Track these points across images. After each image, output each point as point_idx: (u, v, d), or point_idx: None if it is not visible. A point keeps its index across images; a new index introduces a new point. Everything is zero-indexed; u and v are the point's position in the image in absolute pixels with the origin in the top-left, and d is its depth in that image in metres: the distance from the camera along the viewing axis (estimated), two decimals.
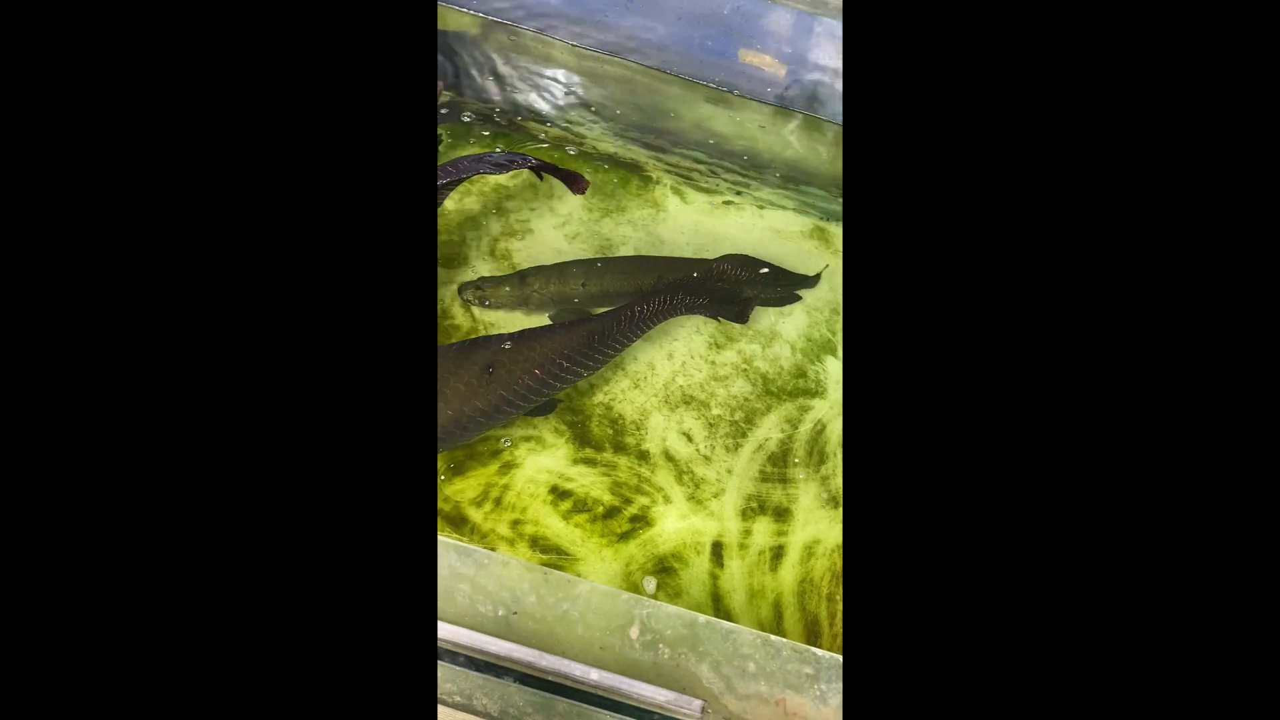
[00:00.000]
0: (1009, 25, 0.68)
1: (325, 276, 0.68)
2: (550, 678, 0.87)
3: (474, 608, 0.92)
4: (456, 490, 1.83)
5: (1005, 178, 0.67)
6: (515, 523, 1.80)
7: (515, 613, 0.92)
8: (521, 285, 2.03)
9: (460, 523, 1.79)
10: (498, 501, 1.82)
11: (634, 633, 0.90)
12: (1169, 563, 0.61)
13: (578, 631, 0.91)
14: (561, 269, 2.08)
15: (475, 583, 0.94)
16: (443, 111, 2.39)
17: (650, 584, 1.74)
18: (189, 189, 0.66)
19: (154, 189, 0.66)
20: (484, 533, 1.78)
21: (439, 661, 0.85)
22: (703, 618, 0.92)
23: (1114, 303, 0.64)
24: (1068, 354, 0.65)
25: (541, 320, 2.06)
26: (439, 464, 1.86)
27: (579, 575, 1.76)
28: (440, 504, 1.81)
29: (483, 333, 2.05)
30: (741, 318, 1.98)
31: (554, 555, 1.77)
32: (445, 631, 0.89)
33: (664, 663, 0.88)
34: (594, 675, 0.85)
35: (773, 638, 0.89)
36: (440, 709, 1.15)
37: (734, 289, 2.03)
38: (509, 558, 0.96)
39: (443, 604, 0.92)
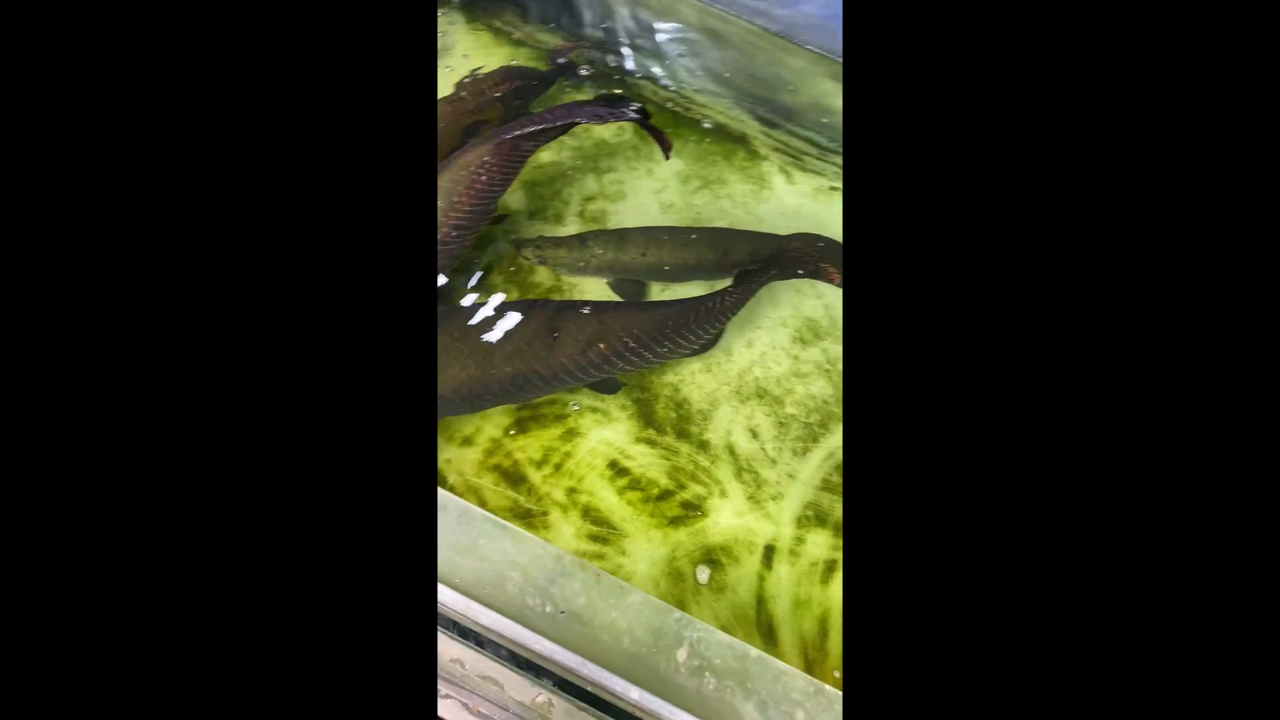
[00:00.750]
0: (1008, 22, 0.67)
1: (324, 261, 0.68)
2: (589, 688, 0.85)
3: (522, 599, 0.91)
4: (519, 447, 1.84)
5: (1008, 178, 0.66)
6: (571, 490, 1.80)
7: (563, 612, 0.90)
8: (581, 247, 1.97)
9: (518, 481, 1.80)
10: (557, 466, 1.82)
11: (681, 655, 0.87)
12: (1174, 578, 0.60)
13: (623, 643, 0.89)
14: (622, 235, 2.00)
15: (527, 573, 0.92)
16: (560, 61, 2.32)
17: (704, 573, 1.71)
18: (190, 171, 0.67)
19: (154, 176, 0.66)
20: (540, 495, 1.79)
21: (480, 651, 0.85)
22: (755, 651, 0.88)
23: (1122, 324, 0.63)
24: (1071, 365, 0.63)
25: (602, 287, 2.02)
26: (504, 418, 1.86)
27: (625, 554, 1.76)
28: (500, 459, 1.82)
29: (565, 295, 2.02)
30: (820, 275, 1.88)
31: (604, 529, 1.76)
32: (489, 619, 0.88)
33: (708, 693, 0.84)
34: (634, 694, 0.83)
35: (827, 688, 0.84)
36: (469, 652, 1.16)
37: (805, 263, 1.93)
38: (564, 553, 0.94)
39: (492, 590, 0.91)
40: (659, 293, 2.02)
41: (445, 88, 2.21)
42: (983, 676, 0.61)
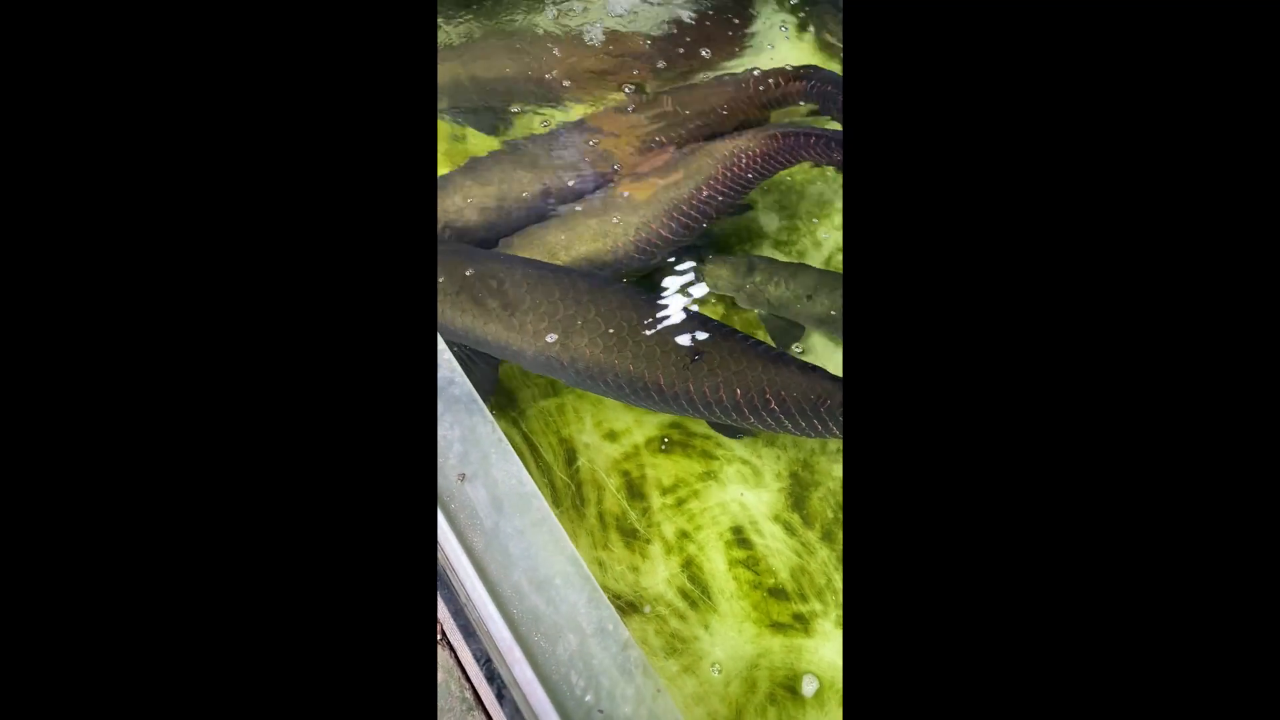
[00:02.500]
0: (1009, 18, 0.67)
1: (325, 268, 0.68)
2: None
3: (568, 671, 0.78)
4: (654, 464, 1.71)
5: (1012, 178, 0.66)
6: (682, 533, 1.64)
7: (601, 710, 0.76)
8: (746, 273, 1.77)
9: (638, 495, 1.68)
10: (681, 501, 1.67)
11: None
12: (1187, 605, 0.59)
13: None
14: (795, 271, 1.77)
15: (586, 643, 0.79)
16: None
17: (810, 685, 1.49)
18: (192, 171, 0.67)
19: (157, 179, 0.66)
20: (651, 520, 1.65)
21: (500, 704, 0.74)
22: None
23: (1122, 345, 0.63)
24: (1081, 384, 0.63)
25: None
26: (655, 430, 1.75)
27: (708, 629, 1.58)
28: (632, 466, 1.71)
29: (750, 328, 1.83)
30: None
31: (699, 591, 1.59)
32: (522, 674, 0.76)
33: None
34: None
35: None
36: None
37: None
38: (632, 643, 0.79)
39: (543, 643, 0.79)
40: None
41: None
42: None
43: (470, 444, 0.88)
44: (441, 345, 0.94)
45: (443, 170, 1.97)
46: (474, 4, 2.24)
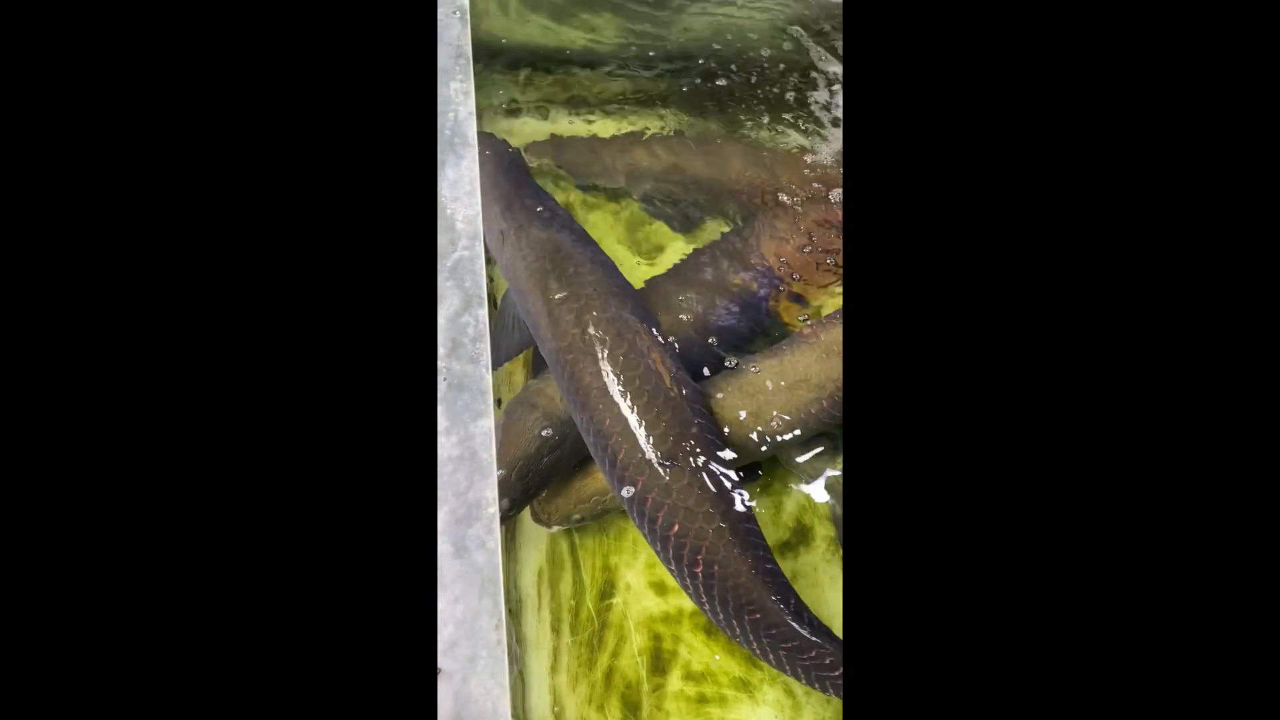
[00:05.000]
0: (1009, 21, 0.68)
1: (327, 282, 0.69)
2: None
3: None
4: (691, 642, 1.48)
5: (1014, 181, 0.66)
6: None
7: None
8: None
9: (659, 669, 1.46)
10: (703, 699, 1.43)
11: None
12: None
13: None
14: None
15: None
16: None
17: None
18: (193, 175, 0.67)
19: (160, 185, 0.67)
20: (661, 704, 1.42)
21: None
22: None
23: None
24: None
25: None
26: (700, 619, 1.52)
27: None
28: (664, 630, 1.49)
29: None
30: None
31: None
32: None
33: None
34: None
35: None
36: None
37: None
38: None
39: None
40: None
41: None
42: None
43: (465, 633, 0.72)
44: (490, 497, 0.80)
45: (636, 267, 1.88)
46: (719, 102, 2.15)
